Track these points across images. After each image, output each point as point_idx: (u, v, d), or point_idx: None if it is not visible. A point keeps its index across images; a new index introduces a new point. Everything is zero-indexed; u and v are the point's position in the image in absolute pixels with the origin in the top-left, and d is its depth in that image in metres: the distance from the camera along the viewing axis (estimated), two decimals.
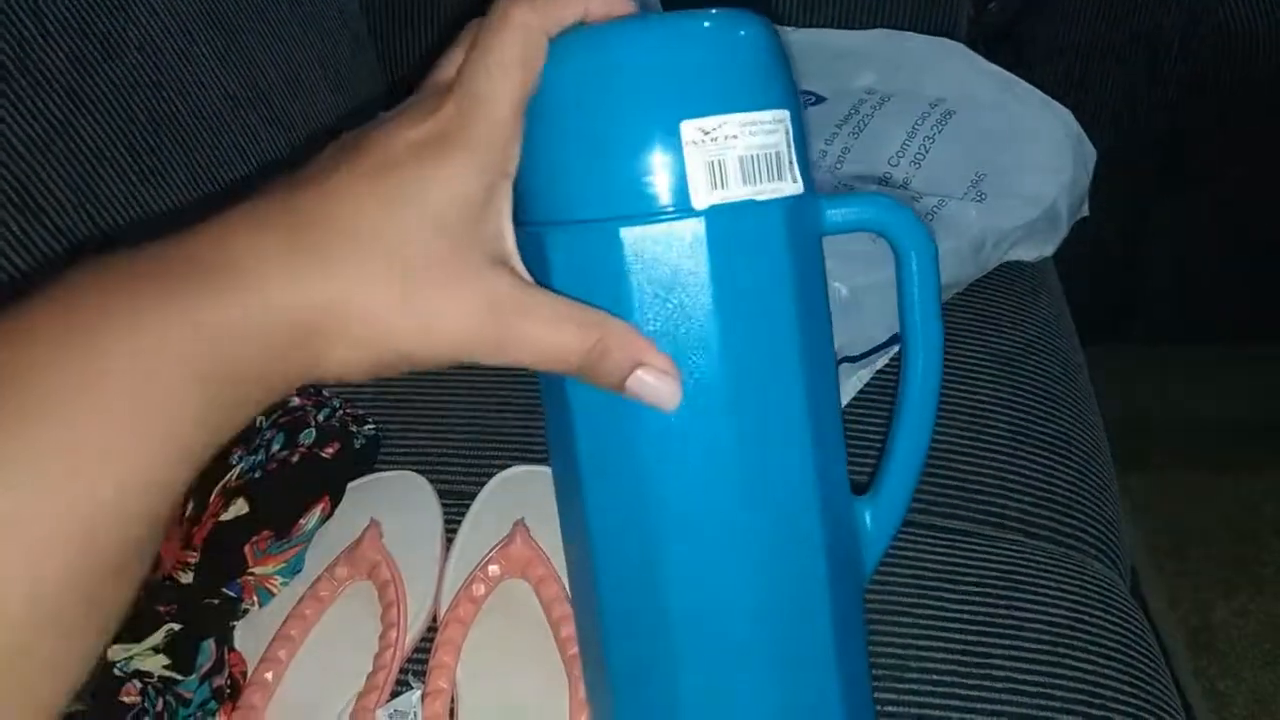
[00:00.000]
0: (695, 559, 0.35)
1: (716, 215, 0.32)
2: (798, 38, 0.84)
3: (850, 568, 0.38)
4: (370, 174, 0.29)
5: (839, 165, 0.74)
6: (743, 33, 0.33)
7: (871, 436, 0.62)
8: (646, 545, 0.35)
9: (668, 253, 0.32)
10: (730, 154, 0.32)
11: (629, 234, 0.32)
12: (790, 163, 0.33)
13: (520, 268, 0.32)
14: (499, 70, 0.30)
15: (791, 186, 0.33)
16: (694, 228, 0.32)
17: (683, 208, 0.32)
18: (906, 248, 0.37)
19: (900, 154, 0.73)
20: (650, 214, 0.32)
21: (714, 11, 0.33)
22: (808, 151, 0.35)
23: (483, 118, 0.30)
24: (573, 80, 0.32)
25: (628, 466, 0.34)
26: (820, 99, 0.79)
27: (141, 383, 0.25)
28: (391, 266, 0.28)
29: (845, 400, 0.65)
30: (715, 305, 0.32)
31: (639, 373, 0.32)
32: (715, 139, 0.31)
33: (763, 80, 0.33)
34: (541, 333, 0.31)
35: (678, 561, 0.35)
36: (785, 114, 0.33)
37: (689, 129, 0.31)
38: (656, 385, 0.32)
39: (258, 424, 0.56)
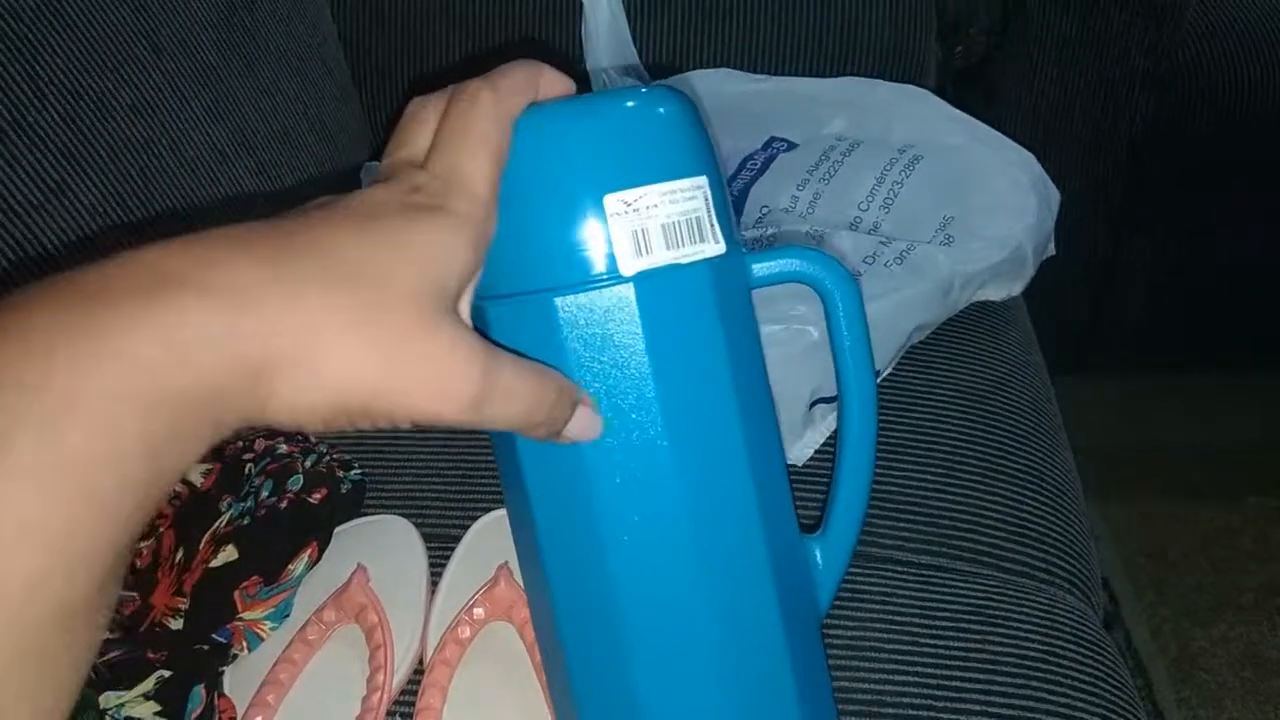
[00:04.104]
0: (649, 609, 0.36)
1: (644, 280, 0.34)
2: (770, 86, 0.86)
3: (803, 603, 0.40)
4: (360, 219, 0.29)
5: (810, 210, 0.76)
6: (661, 110, 0.35)
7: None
8: (603, 598, 0.36)
9: (601, 318, 0.34)
10: (653, 222, 0.34)
11: (563, 303, 0.34)
12: (711, 225, 0.35)
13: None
14: (478, 150, 0.31)
15: (714, 247, 0.35)
16: (623, 293, 0.34)
17: (612, 275, 0.34)
18: (831, 294, 0.39)
19: (870, 199, 0.75)
20: (582, 283, 0.34)
21: (636, 90, 0.35)
22: (730, 212, 0.37)
23: (467, 194, 0.31)
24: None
25: (579, 522, 0.36)
26: (792, 145, 0.81)
27: (89, 417, 0.23)
28: (376, 310, 0.27)
29: (821, 440, 0.66)
30: (650, 363, 0.34)
31: (576, 413, 0.33)
32: (638, 209, 0.34)
33: (680, 151, 0.35)
34: (518, 389, 0.31)
35: (634, 613, 0.36)
36: (703, 179, 0.35)
37: (612, 201, 0.33)
38: (589, 419, 0.34)
39: (247, 471, 0.58)
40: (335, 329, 0.27)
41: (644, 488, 0.35)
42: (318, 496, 0.56)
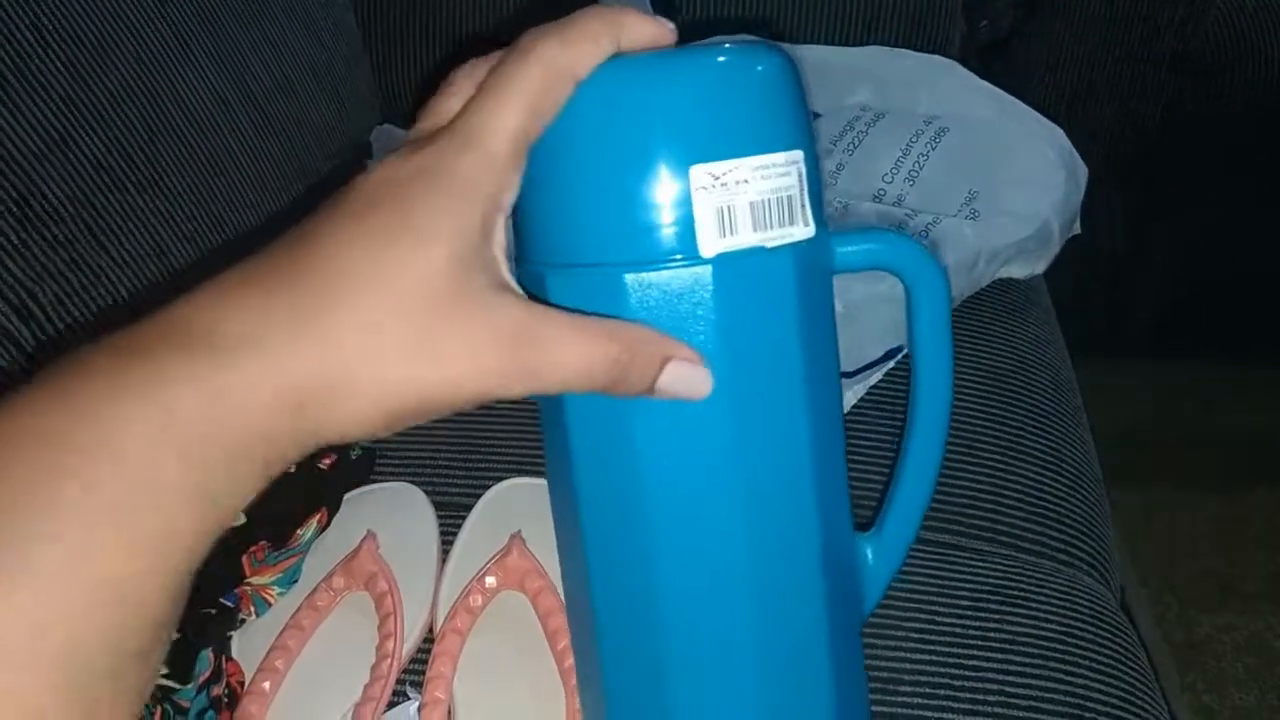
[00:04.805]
0: (693, 598, 0.34)
1: (724, 263, 0.31)
2: (793, 54, 0.84)
3: (849, 605, 0.38)
4: (360, 213, 0.28)
5: (833, 181, 0.74)
6: (759, 68, 0.31)
7: (860, 457, 0.62)
8: (645, 584, 0.34)
9: (672, 299, 0.31)
10: (740, 199, 0.30)
11: (633, 279, 0.31)
12: (802, 205, 0.32)
13: (521, 292, 0.30)
14: (505, 104, 0.28)
15: (803, 231, 0.32)
16: (700, 275, 0.31)
17: (690, 255, 0.31)
18: (919, 286, 0.36)
19: (894, 171, 0.74)
20: (656, 260, 0.31)
21: (728, 46, 0.31)
22: (821, 188, 0.33)
23: (475, 150, 0.28)
24: (578, 119, 0.30)
25: (628, 507, 0.34)
26: (815, 115, 0.80)
27: (132, 465, 0.23)
28: (395, 306, 0.27)
29: None
30: (720, 350, 0.31)
31: (669, 368, 0.31)
32: (725, 184, 0.30)
33: (777, 120, 0.31)
34: (568, 351, 0.29)
35: (676, 600, 0.34)
36: (799, 154, 0.32)
37: (698, 174, 0.30)
38: (690, 375, 0.31)
39: None
40: (371, 340, 0.26)
41: (699, 477, 0.33)
42: (327, 462, 0.55)
